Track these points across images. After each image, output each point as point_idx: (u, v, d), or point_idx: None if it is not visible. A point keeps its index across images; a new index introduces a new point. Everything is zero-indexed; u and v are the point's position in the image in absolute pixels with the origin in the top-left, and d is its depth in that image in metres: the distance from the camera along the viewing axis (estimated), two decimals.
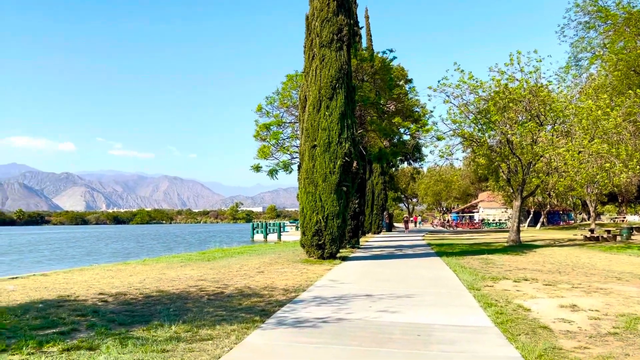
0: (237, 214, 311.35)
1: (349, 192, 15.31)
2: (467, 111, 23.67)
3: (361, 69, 22.38)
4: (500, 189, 35.71)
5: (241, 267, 13.73)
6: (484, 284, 10.13)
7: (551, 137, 21.67)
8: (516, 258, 16.49)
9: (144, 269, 13.53)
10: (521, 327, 6.22)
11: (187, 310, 7.35)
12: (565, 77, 26.29)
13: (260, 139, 22.66)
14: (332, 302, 8.07)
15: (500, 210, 64.54)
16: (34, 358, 4.83)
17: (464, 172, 67.40)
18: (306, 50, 15.89)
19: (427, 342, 5.53)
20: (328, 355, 5.03)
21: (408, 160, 46.91)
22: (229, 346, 5.35)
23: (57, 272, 13.44)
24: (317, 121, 14.99)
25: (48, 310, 7.30)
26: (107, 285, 10.15)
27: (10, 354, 5.01)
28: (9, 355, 4.99)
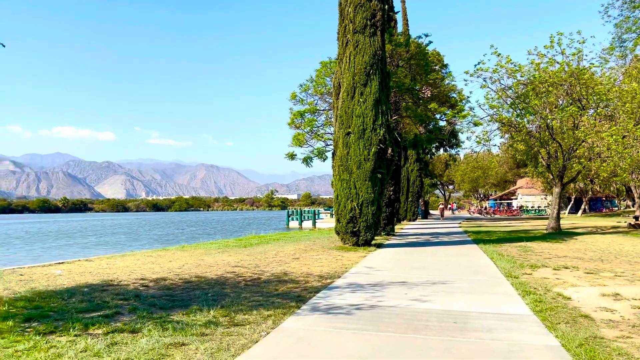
0: (272, 202, 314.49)
1: (383, 179, 15.24)
2: (505, 96, 23.09)
3: (396, 55, 22.11)
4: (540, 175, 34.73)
5: (277, 254, 13.89)
6: (523, 271, 9.96)
7: (593, 122, 20.94)
8: (556, 246, 16.11)
9: (182, 255, 13.86)
10: (561, 315, 6.10)
11: (224, 296, 7.50)
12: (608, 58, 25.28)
13: (295, 127, 22.76)
14: (367, 288, 8.09)
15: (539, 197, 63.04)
16: (80, 339, 5.04)
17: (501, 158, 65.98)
18: (340, 36, 15.79)
19: (463, 330, 5.49)
20: (363, 341, 5.06)
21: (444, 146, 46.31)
22: (266, 331, 5.44)
23: (100, 257, 13.92)
24: (351, 108, 14.92)
25: (93, 294, 7.59)
26: (147, 271, 10.45)
27: (58, 335, 5.24)
28: (56, 336, 5.22)
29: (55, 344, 4.90)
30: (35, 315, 6.11)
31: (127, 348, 4.76)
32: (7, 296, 7.42)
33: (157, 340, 5.02)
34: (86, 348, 4.74)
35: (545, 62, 21.79)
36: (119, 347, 4.79)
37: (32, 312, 6.29)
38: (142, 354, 4.57)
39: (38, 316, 6.06)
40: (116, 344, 4.91)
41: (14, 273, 10.11)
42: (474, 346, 4.88)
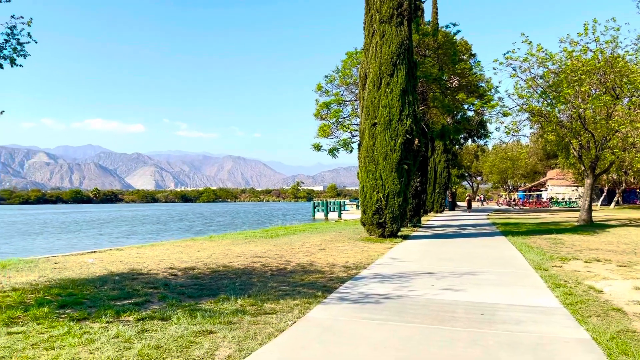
0: (298, 193, 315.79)
1: (410, 170, 15.12)
2: (536, 85, 22.58)
3: (423, 44, 21.85)
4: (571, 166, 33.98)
5: (303, 245, 13.96)
6: (552, 264, 9.78)
7: (628, 111, 20.34)
8: (587, 238, 15.77)
9: (210, 245, 14.05)
10: (592, 308, 5.98)
11: (251, 285, 7.59)
12: None
13: (320, 118, 22.76)
14: (393, 279, 8.07)
15: (570, 188, 61.66)
16: (112, 326, 5.17)
17: (531, 149, 64.71)
18: (366, 26, 15.66)
19: (491, 322, 5.44)
20: (389, 332, 5.06)
21: (472, 137, 45.62)
22: (292, 320, 5.49)
23: (130, 247, 14.23)
24: (378, 98, 14.83)
25: (123, 283, 7.77)
26: (176, 260, 10.64)
27: (91, 322, 5.39)
28: (90, 322, 5.37)
29: (88, 330, 5.04)
30: (69, 302, 6.29)
31: (157, 335, 4.87)
32: (43, 283, 7.66)
33: (186, 327, 5.12)
34: (118, 334, 4.86)
35: (578, 50, 21.22)
36: (149, 334, 4.90)
37: (66, 299, 6.47)
38: (171, 341, 4.66)
39: (72, 303, 6.24)
40: (146, 330, 5.02)
41: (49, 261, 10.42)
42: (502, 338, 4.83)
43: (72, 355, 4.26)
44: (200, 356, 4.30)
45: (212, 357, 4.28)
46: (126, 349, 4.43)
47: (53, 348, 4.47)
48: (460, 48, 25.53)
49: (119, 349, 4.45)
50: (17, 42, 7.11)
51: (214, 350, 4.45)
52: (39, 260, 10.67)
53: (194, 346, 4.55)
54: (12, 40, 7.06)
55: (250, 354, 4.38)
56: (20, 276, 8.43)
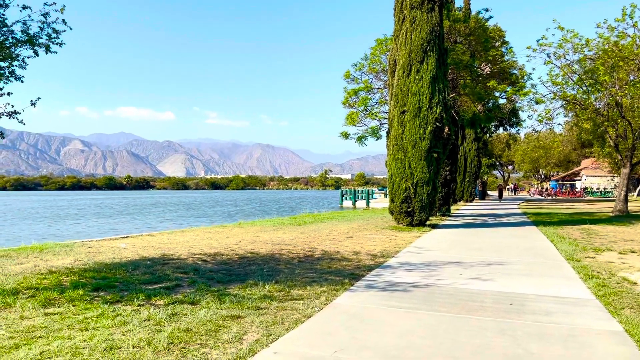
0: (326, 181, 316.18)
1: (439, 159, 14.95)
2: (571, 72, 21.95)
3: (454, 30, 21.46)
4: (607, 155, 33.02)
5: (330, 232, 14.00)
6: (585, 255, 9.57)
7: None
8: (623, 229, 15.35)
9: (239, 232, 14.22)
10: (626, 300, 5.84)
11: (279, 271, 7.66)
12: None
13: (349, 106, 22.64)
14: (420, 268, 8.03)
15: (605, 178, 59.96)
16: (143, 309, 5.30)
17: (565, 138, 63.10)
18: (396, 12, 15.46)
19: (520, 312, 5.37)
20: (416, 320, 5.05)
21: (503, 125, 44.75)
22: (319, 306, 5.53)
23: (162, 232, 14.52)
24: (407, 86, 14.67)
25: (154, 267, 7.95)
26: (205, 246, 10.82)
27: (123, 304, 5.54)
28: (122, 305, 5.52)
29: (120, 312, 5.19)
30: (103, 285, 6.48)
31: (186, 319, 4.97)
32: (78, 267, 7.90)
33: (215, 312, 5.21)
34: (149, 317, 4.99)
35: (616, 36, 20.51)
36: (179, 318, 5.01)
37: (100, 282, 6.66)
38: (200, 325, 4.76)
39: (105, 286, 6.42)
40: (176, 314, 5.14)
41: (84, 246, 10.73)
42: (531, 329, 4.76)
43: (106, 337, 4.39)
44: (229, 340, 4.37)
45: (240, 342, 4.35)
46: (157, 332, 4.54)
47: (88, 329, 4.61)
48: (492, 34, 24.93)
49: (150, 331, 4.56)
50: (53, 30, 7.26)
51: (242, 335, 4.52)
52: (75, 244, 10.99)
53: (222, 330, 4.64)
54: (48, 28, 7.21)
55: (278, 339, 4.44)
56: (56, 259, 8.71)
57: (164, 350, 4.11)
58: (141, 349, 4.12)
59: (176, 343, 4.27)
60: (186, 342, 4.30)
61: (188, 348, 4.17)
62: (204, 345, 4.25)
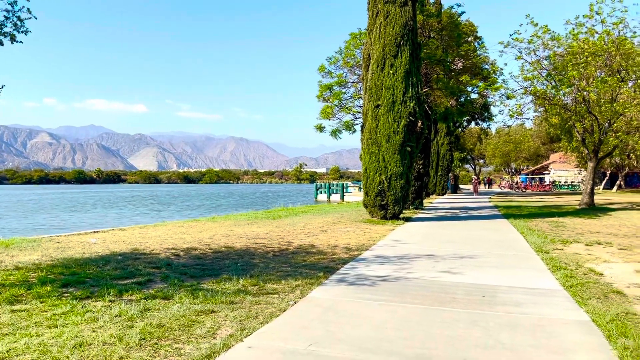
0: (300, 175, 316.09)
1: (413, 153, 15.08)
2: (541, 67, 22.38)
3: (427, 25, 21.61)
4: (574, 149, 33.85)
5: (305, 226, 14.00)
6: (553, 247, 9.80)
7: (633, 94, 20.17)
8: (589, 221, 15.77)
9: (213, 226, 14.10)
10: (592, 291, 6.00)
11: (253, 266, 7.63)
12: None
13: (323, 100, 22.63)
14: (394, 261, 8.10)
15: (573, 172, 61.48)
16: (114, 305, 5.21)
17: (534, 132, 64.44)
18: (370, 6, 15.48)
19: (491, 303, 5.47)
20: (390, 312, 5.09)
21: (475, 120, 45.38)
22: (294, 300, 5.53)
23: (133, 227, 14.28)
24: (381, 80, 14.72)
25: (126, 262, 7.82)
26: (178, 241, 10.69)
27: (93, 300, 5.44)
28: (92, 301, 5.41)
29: (91, 308, 5.09)
30: (72, 281, 6.34)
31: (159, 314, 4.91)
32: (45, 262, 7.71)
33: (188, 307, 5.16)
34: (120, 313, 4.90)
35: (584, 32, 20.97)
36: (151, 313, 4.94)
37: (69, 278, 6.52)
38: (173, 320, 4.70)
39: (74, 282, 6.29)
40: (149, 309, 5.06)
41: (52, 241, 10.48)
42: (502, 320, 4.85)
43: (75, 333, 4.30)
44: (202, 335, 4.34)
45: (214, 336, 4.32)
46: (129, 328, 4.47)
47: (56, 326, 4.51)
48: (465, 29, 25.21)
49: (122, 327, 4.49)
50: (18, 18, 7.04)
51: (216, 330, 4.49)
52: (42, 239, 10.73)
53: (196, 325, 4.59)
54: (13, 17, 7.00)
55: (252, 333, 4.42)
56: (23, 255, 8.49)
57: (135, 346, 4.05)
58: (112, 345, 4.05)
59: (148, 339, 4.21)
60: (159, 338, 4.25)
61: (161, 344, 4.12)
62: (177, 341, 4.20)
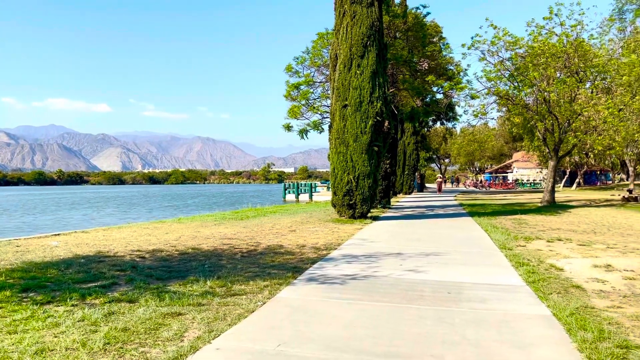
0: (269, 175, 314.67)
1: (380, 152, 15.21)
2: (503, 68, 22.92)
3: (393, 26, 21.83)
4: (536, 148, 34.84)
5: (273, 226, 13.95)
6: (516, 243, 10.05)
7: (591, 95, 20.86)
8: (550, 218, 16.23)
9: (179, 227, 13.90)
10: (553, 286, 6.18)
11: (221, 267, 7.55)
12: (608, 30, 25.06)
13: (291, 99, 22.58)
14: (362, 260, 8.16)
15: (534, 170, 63.23)
16: (77, 309, 5.08)
17: (498, 132, 65.94)
18: (337, 7, 15.53)
19: (457, 300, 5.57)
20: (359, 311, 5.13)
21: (441, 120, 46.11)
22: (262, 301, 5.50)
23: (96, 229, 13.95)
24: (348, 80, 14.80)
25: (89, 265, 7.62)
26: (144, 242, 10.49)
27: (55, 305, 5.28)
28: (54, 306, 5.26)
29: (52, 313, 4.94)
30: (32, 285, 6.14)
31: (124, 317, 4.81)
32: (4, 267, 7.45)
33: (154, 310, 5.07)
34: (83, 317, 4.78)
35: (544, 34, 21.58)
36: (116, 317, 4.84)
37: (29, 282, 6.31)
38: (139, 323, 4.61)
39: (35, 286, 6.09)
40: (113, 313, 4.95)
41: (10, 244, 10.14)
42: (468, 316, 4.95)
43: (37, 339, 4.17)
44: (169, 338, 4.27)
45: (181, 339, 4.26)
46: (92, 332, 4.37)
47: (16, 332, 4.37)
48: (430, 30, 25.59)
49: (85, 332, 4.38)
50: None
51: (183, 332, 4.43)
52: (0, 243, 10.36)
53: (162, 328, 4.52)
54: None
55: (220, 334, 4.37)
56: None
57: (100, 351, 3.96)
58: (75, 350, 3.95)
59: (113, 343, 4.12)
60: (124, 342, 4.16)
61: (126, 348, 4.04)
62: (143, 344, 4.12)
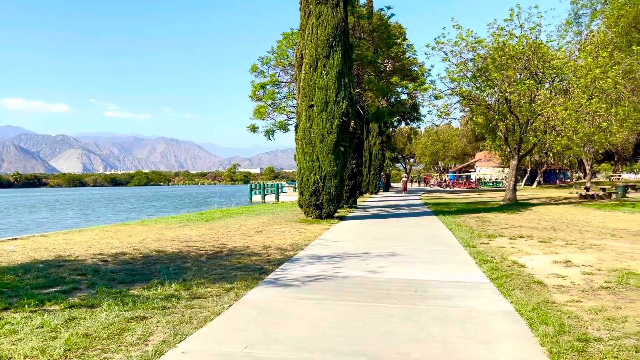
0: (234, 176, 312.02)
1: (346, 152, 15.28)
2: (466, 69, 23.38)
3: (358, 27, 21.97)
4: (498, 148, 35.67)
5: (239, 227, 13.83)
6: (480, 241, 10.25)
7: (549, 96, 21.50)
8: (512, 216, 16.64)
9: (143, 230, 13.63)
10: (516, 282, 6.33)
11: (186, 269, 7.44)
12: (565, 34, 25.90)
13: (256, 99, 22.45)
14: (329, 260, 8.17)
15: (497, 169, 64.76)
16: (36, 315, 4.90)
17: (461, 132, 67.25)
18: (302, 7, 15.52)
19: (423, 298, 5.64)
20: (326, 311, 5.13)
21: (405, 120, 46.68)
22: (229, 303, 5.44)
23: (56, 233, 13.53)
24: (314, 80, 14.81)
25: (49, 270, 7.38)
26: (106, 246, 10.24)
27: (12, 312, 5.09)
28: (11, 312, 5.06)
29: (9, 320, 4.76)
30: None
31: (85, 323, 4.67)
32: None
33: (117, 314, 4.94)
34: (43, 324, 4.62)
35: (505, 36, 22.12)
36: (77, 322, 4.69)
37: None
38: (101, 329, 4.49)
39: None
40: (74, 319, 4.81)
41: None
42: (433, 313, 5.02)
43: None
44: (133, 342, 4.17)
45: (146, 343, 4.17)
46: (52, 339, 4.22)
47: None
48: (394, 32, 25.86)
49: (45, 339, 4.23)
50: None
51: (148, 336, 4.33)
52: None
53: (126, 333, 4.41)
54: None
55: (186, 338, 4.30)
56: None
57: (60, 357, 3.83)
58: (34, 358, 3.81)
59: (74, 350, 4.00)
60: (85, 348, 4.04)
61: (87, 354, 3.92)
62: (106, 350, 4.01)
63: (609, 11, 23.98)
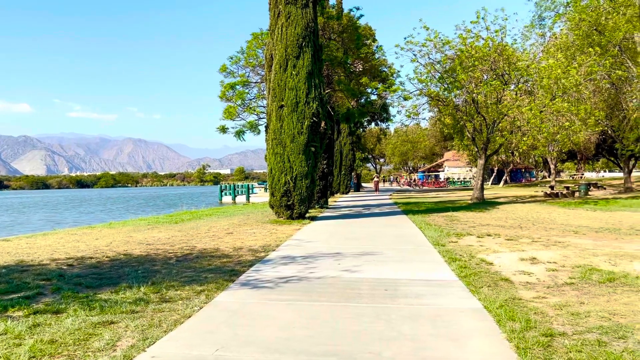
0: (204, 177, 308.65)
1: (317, 153, 15.30)
2: (434, 70, 23.71)
3: (328, 28, 22.03)
4: (465, 148, 36.31)
5: (210, 229, 13.69)
6: (449, 240, 10.41)
7: (515, 96, 21.99)
8: (480, 215, 16.95)
9: (110, 233, 13.36)
10: (484, 280, 6.45)
11: (155, 272, 7.32)
12: (529, 35, 26.56)
13: (226, 100, 22.25)
14: (300, 260, 8.17)
15: (465, 169, 65.87)
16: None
17: (430, 132, 68.15)
18: (271, 7, 15.47)
19: (394, 297, 5.69)
20: (297, 312, 5.13)
21: (375, 120, 47.00)
22: (199, 305, 5.38)
23: (19, 237, 13.14)
24: (284, 81, 14.78)
25: (11, 275, 7.16)
26: (72, 249, 9.99)
27: None
28: None
29: None
30: None
31: (50, 329, 4.55)
32: None
33: (84, 319, 4.83)
34: (6, 331, 4.48)
35: (472, 37, 22.53)
36: (42, 329, 4.57)
37: None
38: (67, 334, 4.38)
39: None
40: (39, 325, 4.68)
41: None
42: (404, 312, 5.07)
43: None
44: (100, 348, 4.08)
45: (114, 348, 4.09)
46: (16, 346, 4.10)
47: None
48: (364, 33, 26.01)
49: (8, 346, 4.11)
50: None
51: (116, 341, 4.25)
52: None
53: (93, 338, 4.31)
54: None
55: (156, 342, 4.24)
56: None
57: None
58: None
59: (39, 356, 3.89)
60: (51, 355, 3.94)
61: None
62: (72, 356, 3.92)
63: (570, 14, 24.70)
